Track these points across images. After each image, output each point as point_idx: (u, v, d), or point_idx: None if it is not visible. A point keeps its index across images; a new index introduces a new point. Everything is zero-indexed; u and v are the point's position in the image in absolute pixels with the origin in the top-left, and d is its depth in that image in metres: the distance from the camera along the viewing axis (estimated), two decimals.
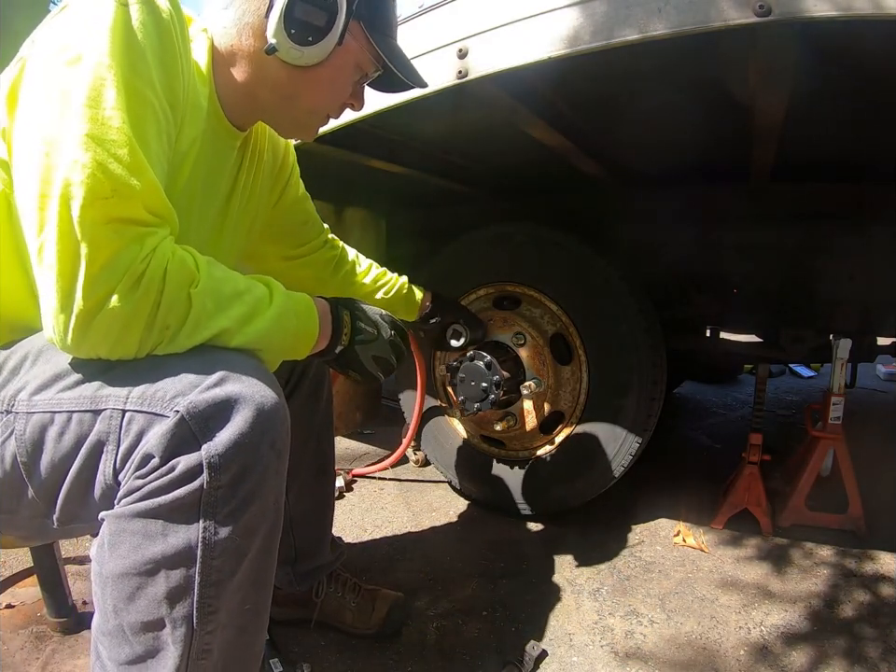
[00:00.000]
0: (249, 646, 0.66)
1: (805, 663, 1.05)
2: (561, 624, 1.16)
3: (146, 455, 0.55)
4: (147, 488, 0.55)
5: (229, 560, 0.58)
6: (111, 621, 0.58)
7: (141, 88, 0.57)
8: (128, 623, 0.57)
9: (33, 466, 0.60)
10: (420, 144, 1.46)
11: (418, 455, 2.04)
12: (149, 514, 0.55)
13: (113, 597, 0.57)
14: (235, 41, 0.71)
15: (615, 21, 0.75)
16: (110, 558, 0.57)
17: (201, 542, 0.55)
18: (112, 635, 0.58)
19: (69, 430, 0.59)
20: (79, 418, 0.59)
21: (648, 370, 1.43)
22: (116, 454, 0.57)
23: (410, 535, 1.52)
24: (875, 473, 1.75)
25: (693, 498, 1.73)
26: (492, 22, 0.85)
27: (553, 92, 1.13)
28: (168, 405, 0.55)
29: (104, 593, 0.58)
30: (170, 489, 0.54)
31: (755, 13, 0.68)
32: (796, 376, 3.84)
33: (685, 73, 1.03)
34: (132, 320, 0.55)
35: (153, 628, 0.57)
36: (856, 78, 0.99)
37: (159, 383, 0.57)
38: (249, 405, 0.56)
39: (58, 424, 0.59)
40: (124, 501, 0.56)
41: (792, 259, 1.65)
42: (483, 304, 1.66)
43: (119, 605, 0.57)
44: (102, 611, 0.59)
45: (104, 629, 0.59)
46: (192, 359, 0.59)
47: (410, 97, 0.96)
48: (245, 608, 0.62)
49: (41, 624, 1.01)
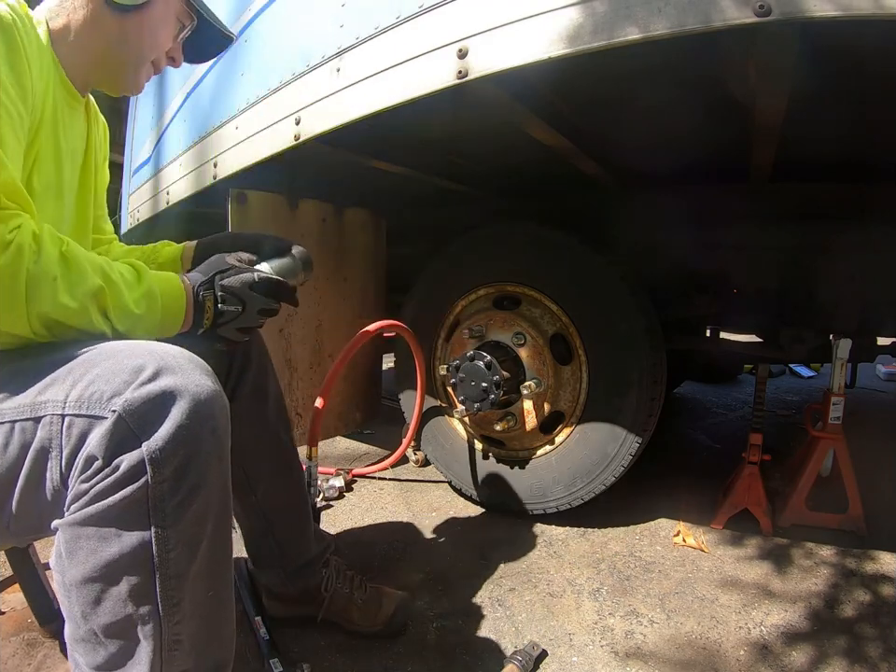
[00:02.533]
0: (217, 632, 0.67)
1: (805, 663, 1.05)
2: (561, 624, 1.16)
3: (89, 458, 0.56)
4: (93, 491, 0.55)
5: (184, 551, 0.58)
6: (82, 627, 0.59)
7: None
8: (98, 627, 0.58)
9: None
10: (420, 144, 1.46)
11: (418, 454, 2.04)
12: (100, 517, 0.55)
13: (80, 604, 0.58)
14: (70, 13, 0.80)
15: (615, 20, 0.75)
16: (70, 566, 0.57)
17: (154, 538, 0.56)
18: (85, 641, 0.59)
19: (13, 440, 0.59)
20: (21, 427, 0.59)
21: (648, 370, 1.43)
22: (60, 459, 0.58)
23: (410, 535, 1.52)
24: (875, 473, 1.75)
25: (693, 498, 1.73)
26: (492, 22, 0.85)
27: (553, 92, 1.13)
28: (105, 406, 0.56)
29: (70, 601, 0.58)
30: (116, 489, 0.55)
31: (755, 13, 0.68)
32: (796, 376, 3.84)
33: (685, 73, 1.03)
34: (14, 276, 0.58)
35: (123, 628, 0.58)
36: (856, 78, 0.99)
37: (94, 384, 0.57)
38: (185, 396, 0.57)
39: (1, 435, 0.60)
40: (73, 507, 0.57)
41: (792, 259, 1.65)
42: (482, 304, 1.66)
43: (87, 610, 0.57)
44: (72, 619, 0.59)
45: (76, 636, 0.60)
46: (122, 354, 0.60)
47: (409, 97, 0.96)
48: (209, 595, 0.63)
49: (32, 631, 1.00)
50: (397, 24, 0.97)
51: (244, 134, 1.34)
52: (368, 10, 1.02)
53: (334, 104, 1.09)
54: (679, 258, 1.74)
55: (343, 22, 1.07)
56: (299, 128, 1.17)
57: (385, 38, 0.99)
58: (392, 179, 1.69)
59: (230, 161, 1.39)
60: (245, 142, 1.33)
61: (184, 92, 1.67)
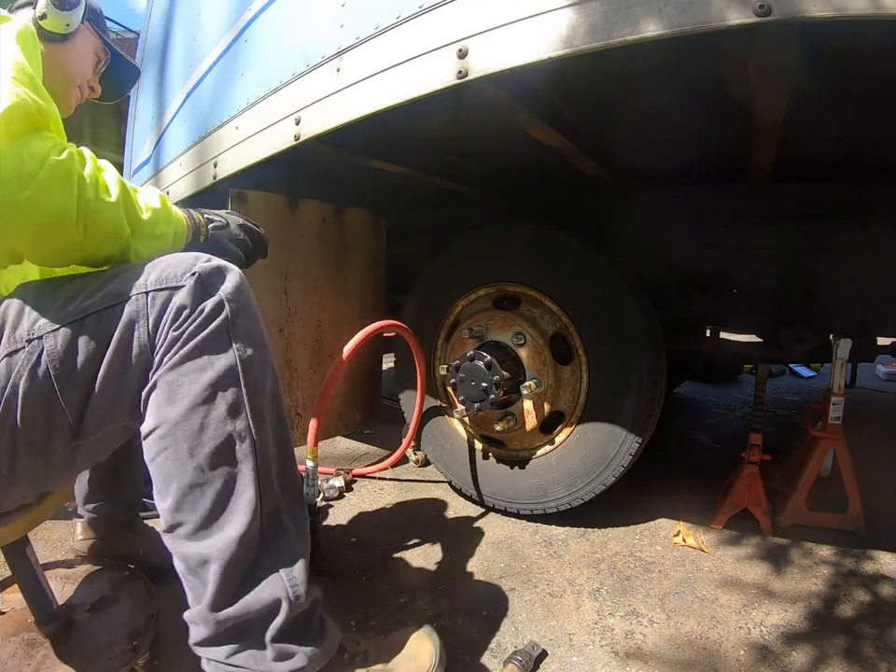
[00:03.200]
0: (291, 466, 0.80)
1: (805, 663, 1.05)
2: (561, 624, 1.16)
3: (179, 307, 0.70)
4: (186, 334, 0.69)
5: (261, 369, 0.74)
6: (189, 466, 0.69)
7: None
8: (204, 457, 0.69)
9: (67, 374, 0.69)
10: (420, 144, 1.46)
11: (418, 454, 2.04)
12: (196, 350, 0.69)
13: (186, 439, 0.69)
14: None
15: (615, 20, 0.75)
16: (174, 407, 0.69)
17: (238, 360, 0.71)
18: (192, 487, 0.69)
19: (101, 325, 0.69)
20: (108, 313, 0.70)
21: (648, 370, 1.43)
22: (147, 324, 0.70)
23: (410, 535, 1.52)
24: (875, 473, 1.75)
25: (693, 498, 1.73)
26: (492, 22, 0.85)
27: (554, 92, 1.13)
28: (181, 279, 0.71)
29: (177, 444, 0.69)
30: (205, 325, 0.70)
31: (755, 13, 0.68)
32: (796, 376, 3.84)
33: (685, 73, 1.03)
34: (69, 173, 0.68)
35: (225, 449, 0.70)
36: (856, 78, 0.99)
37: (167, 269, 0.72)
38: (232, 270, 0.76)
39: (88, 324, 0.69)
40: (169, 355, 0.69)
41: (792, 259, 1.64)
42: (482, 304, 1.66)
43: (193, 443, 0.69)
44: (179, 466, 0.69)
45: (183, 485, 0.69)
46: (176, 256, 0.75)
47: (409, 97, 0.96)
48: (281, 417, 0.78)
49: (31, 631, 0.99)
50: (397, 24, 0.97)
51: (244, 134, 1.34)
52: (368, 10, 1.02)
53: (334, 104, 1.09)
54: (679, 258, 1.74)
55: (343, 22, 1.07)
56: (299, 128, 1.17)
57: (385, 38, 0.99)
58: (392, 179, 1.69)
59: (230, 161, 1.39)
60: (245, 142, 1.33)
61: (184, 92, 1.67)
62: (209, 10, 1.56)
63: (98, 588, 1.11)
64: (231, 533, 0.70)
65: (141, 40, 2.15)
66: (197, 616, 0.73)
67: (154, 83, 1.94)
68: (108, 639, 0.98)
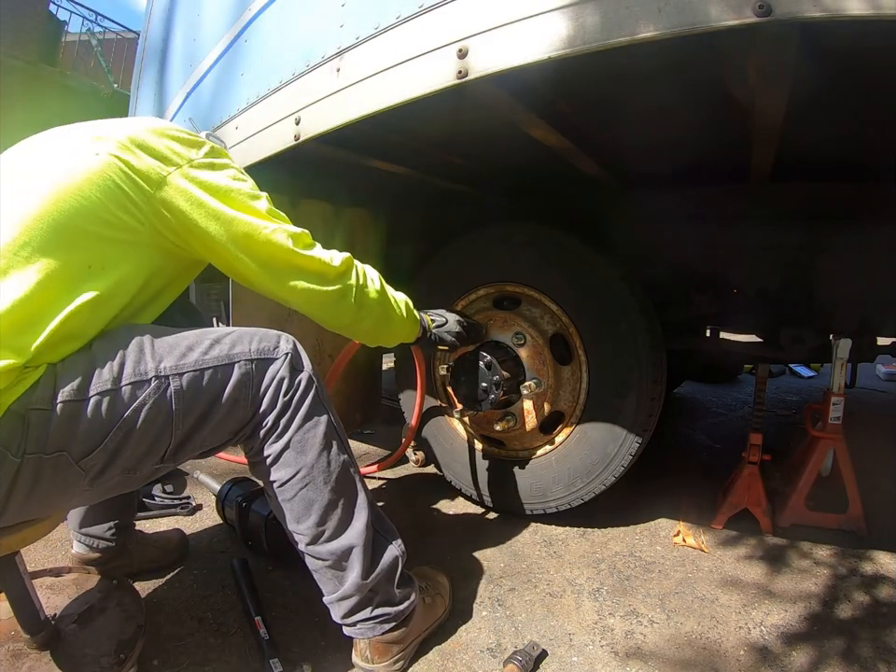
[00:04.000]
0: (365, 491, 1.04)
1: (805, 663, 1.05)
2: (561, 624, 1.16)
3: (280, 379, 0.91)
4: (294, 402, 0.92)
5: (338, 422, 1.00)
6: (325, 491, 0.94)
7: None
8: (335, 482, 0.96)
9: (185, 411, 0.83)
10: (420, 144, 1.46)
11: (418, 454, 2.04)
12: (307, 417, 0.93)
13: (321, 473, 0.94)
14: None
15: (615, 20, 0.75)
16: (307, 456, 0.93)
17: (329, 412, 0.97)
18: (328, 507, 0.95)
19: (217, 378, 0.86)
20: (223, 370, 0.87)
21: (648, 370, 1.43)
22: (251, 386, 0.90)
23: (409, 535, 1.52)
24: (875, 473, 1.75)
25: (693, 498, 1.73)
26: (492, 22, 0.85)
27: (554, 92, 1.13)
28: (274, 352, 0.93)
29: (314, 484, 0.94)
30: (306, 395, 0.94)
31: (755, 13, 0.68)
32: (796, 376, 3.84)
33: (685, 73, 1.02)
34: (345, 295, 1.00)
35: (345, 474, 0.98)
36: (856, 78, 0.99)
37: (262, 343, 0.92)
38: (301, 350, 0.98)
39: (207, 376, 0.85)
40: (286, 419, 0.92)
41: (792, 259, 1.64)
42: (482, 304, 1.66)
43: (326, 475, 0.94)
44: (318, 492, 0.94)
45: (323, 506, 0.95)
46: (263, 330, 0.95)
47: (409, 97, 0.96)
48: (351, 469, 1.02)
49: (18, 641, 0.97)
50: (397, 24, 0.97)
51: (244, 134, 1.34)
52: (368, 10, 1.02)
53: (334, 104, 1.09)
54: (680, 258, 1.74)
55: (343, 22, 1.07)
56: (299, 128, 1.17)
57: (385, 38, 0.99)
58: (392, 179, 1.69)
59: None
60: (245, 142, 1.33)
61: (184, 92, 1.67)
62: (209, 10, 1.56)
63: (86, 598, 1.10)
64: (360, 524, 0.98)
65: (141, 40, 2.15)
66: (350, 589, 0.97)
67: (154, 83, 1.94)
68: (95, 652, 0.96)
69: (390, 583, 1.01)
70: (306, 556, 0.99)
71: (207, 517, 1.61)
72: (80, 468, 0.77)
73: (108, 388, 0.78)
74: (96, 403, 0.76)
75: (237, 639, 1.09)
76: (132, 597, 1.11)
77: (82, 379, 0.76)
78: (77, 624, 1.03)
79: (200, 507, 1.67)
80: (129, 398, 0.79)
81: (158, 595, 1.23)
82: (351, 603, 0.98)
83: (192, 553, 1.40)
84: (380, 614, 0.99)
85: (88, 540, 1.21)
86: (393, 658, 1.01)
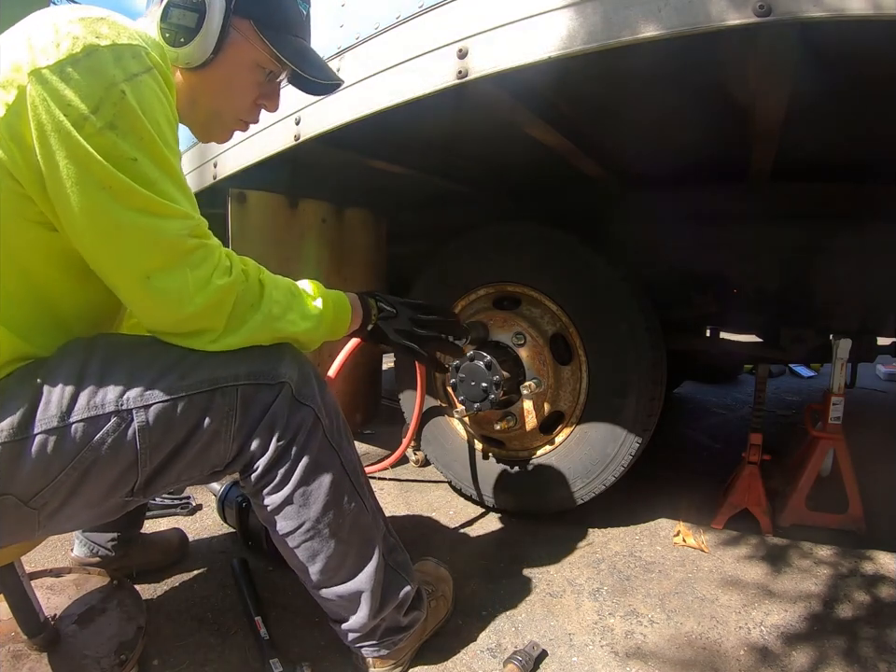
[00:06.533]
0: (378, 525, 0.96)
1: (805, 663, 1.05)
2: (561, 624, 1.16)
3: (274, 415, 0.77)
4: (295, 448, 0.80)
5: (347, 441, 0.89)
6: (331, 542, 0.86)
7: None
8: (345, 532, 0.88)
9: (157, 445, 0.71)
10: (420, 144, 1.46)
11: (418, 454, 2.04)
12: (310, 465, 0.81)
13: (328, 526, 0.85)
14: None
15: (615, 21, 0.75)
16: (311, 510, 0.83)
17: (340, 457, 0.86)
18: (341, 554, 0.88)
19: (192, 410, 0.72)
20: (200, 399, 0.72)
21: (648, 369, 1.43)
22: (234, 422, 0.75)
23: (410, 535, 1.52)
24: (875, 473, 1.75)
25: (693, 498, 1.73)
26: (492, 22, 0.85)
27: (554, 92, 1.13)
28: (269, 376, 0.77)
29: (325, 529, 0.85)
30: (311, 440, 0.81)
31: (755, 13, 0.68)
32: (796, 376, 3.84)
33: (685, 73, 1.02)
34: (229, 293, 0.73)
35: (356, 524, 0.89)
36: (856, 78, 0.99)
37: (254, 364, 0.77)
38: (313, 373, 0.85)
39: (181, 407, 0.72)
40: (283, 470, 0.80)
41: (792, 259, 1.64)
42: (482, 304, 1.66)
43: (333, 528, 0.86)
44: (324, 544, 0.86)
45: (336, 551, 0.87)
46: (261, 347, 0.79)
47: (409, 97, 0.96)
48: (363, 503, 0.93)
49: (18, 642, 0.97)
50: (397, 24, 0.97)
51: (243, 134, 1.34)
52: (368, 10, 1.02)
53: (334, 104, 1.09)
54: (680, 258, 1.74)
55: (343, 22, 1.07)
56: (299, 128, 1.17)
57: (385, 38, 0.99)
58: (392, 179, 1.69)
59: (230, 160, 1.39)
60: (246, 142, 1.33)
61: None
62: None
63: (86, 599, 1.10)
64: (371, 569, 0.91)
65: None
66: (356, 625, 0.93)
67: None
68: (96, 653, 0.96)
69: (399, 612, 0.97)
70: (311, 594, 0.95)
71: (207, 517, 1.61)
72: (31, 507, 0.68)
73: (55, 426, 0.65)
74: (41, 443, 0.65)
75: (237, 639, 1.09)
76: (132, 598, 1.11)
77: (24, 412, 0.65)
78: (77, 625, 1.03)
79: (200, 507, 1.67)
80: (81, 437, 0.67)
81: (158, 595, 1.23)
82: (355, 635, 0.96)
83: (192, 553, 1.40)
84: (386, 639, 0.97)
85: (89, 545, 1.20)
86: (393, 661, 1.00)
